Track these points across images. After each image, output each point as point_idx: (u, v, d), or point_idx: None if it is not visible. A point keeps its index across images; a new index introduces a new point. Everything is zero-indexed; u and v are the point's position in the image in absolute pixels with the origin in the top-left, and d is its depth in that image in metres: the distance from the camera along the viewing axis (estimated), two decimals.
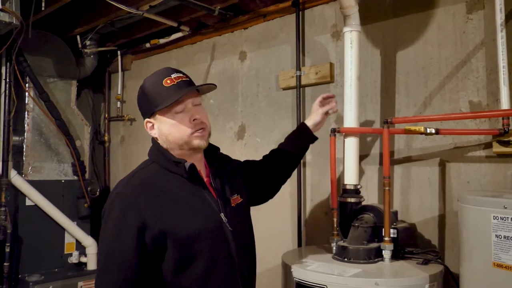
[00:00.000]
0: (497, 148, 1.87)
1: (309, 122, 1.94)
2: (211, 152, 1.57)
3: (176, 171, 1.43)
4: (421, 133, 1.84)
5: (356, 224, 1.89)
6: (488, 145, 1.93)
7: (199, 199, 1.43)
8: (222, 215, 1.45)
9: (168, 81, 1.42)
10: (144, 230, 1.32)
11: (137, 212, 1.33)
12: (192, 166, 1.42)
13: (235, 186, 1.59)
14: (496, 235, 1.32)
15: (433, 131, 1.83)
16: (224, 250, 1.42)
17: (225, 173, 1.60)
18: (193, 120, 1.43)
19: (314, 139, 1.95)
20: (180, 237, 1.35)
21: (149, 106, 1.45)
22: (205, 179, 1.50)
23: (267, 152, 1.90)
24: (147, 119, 1.49)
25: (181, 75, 1.47)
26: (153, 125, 1.48)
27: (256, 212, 1.84)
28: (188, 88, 1.43)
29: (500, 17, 1.80)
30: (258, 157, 2.79)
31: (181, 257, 1.35)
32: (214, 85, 1.50)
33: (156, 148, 1.50)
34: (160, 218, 1.34)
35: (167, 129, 1.44)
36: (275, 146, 2.69)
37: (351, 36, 2.04)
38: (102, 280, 1.33)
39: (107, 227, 1.37)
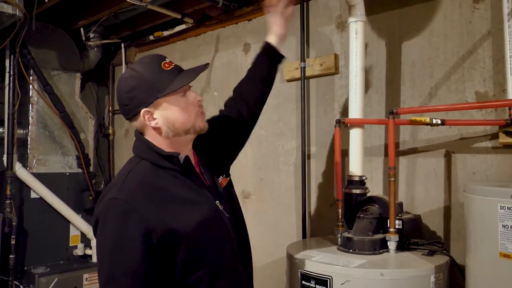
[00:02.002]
0: (504, 139, 1.85)
1: (272, 38, 1.69)
2: (197, 140, 1.48)
3: (168, 166, 1.35)
4: (427, 124, 1.83)
5: (361, 215, 1.88)
6: (495, 136, 1.91)
7: (195, 191, 1.37)
8: (217, 202, 1.40)
9: (167, 65, 1.35)
10: (150, 235, 1.24)
11: (139, 217, 1.24)
12: (187, 158, 1.35)
13: (218, 166, 1.51)
14: (503, 225, 1.31)
15: (439, 121, 1.81)
16: (225, 236, 1.39)
17: (208, 157, 1.51)
18: (197, 101, 1.38)
19: (281, 58, 1.72)
20: (186, 232, 1.29)
21: (150, 93, 1.33)
22: (196, 168, 1.44)
23: (270, 147, 1.85)
24: (144, 109, 1.34)
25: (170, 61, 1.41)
26: (151, 114, 1.35)
27: (261, 204, 1.84)
28: (197, 68, 1.38)
29: (507, 6, 1.78)
30: (262, 149, 2.80)
31: (193, 251, 1.30)
32: (207, 64, 1.46)
33: (143, 143, 1.39)
34: (163, 218, 1.27)
35: (174, 114, 1.35)
36: (279, 138, 2.71)
37: (356, 26, 2.03)
38: None
39: (105, 236, 1.27)
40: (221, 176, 1.49)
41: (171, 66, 1.35)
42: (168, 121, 1.35)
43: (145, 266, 1.23)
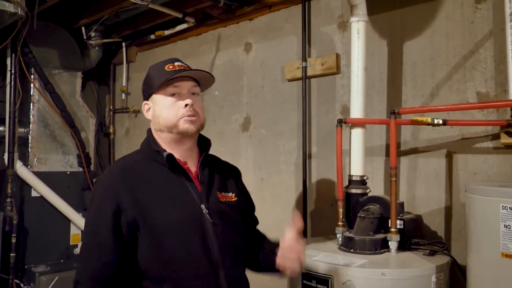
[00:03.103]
0: (505, 139, 1.85)
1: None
2: (205, 144, 1.58)
3: (158, 160, 1.46)
4: (428, 124, 1.83)
5: (362, 215, 1.88)
6: (496, 136, 1.91)
7: (179, 189, 1.44)
8: (202, 206, 1.44)
9: (171, 67, 1.47)
10: (120, 214, 1.36)
11: (114, 195, 1.38)
12: (170, 156, 1.44)
13: (228, 186, 1.58)
14: (504, 225, 1.31)
15: (441, 121, 1.81)
16: (200, 240, 1.41)
17: (221, 172, 1.59)
18: (185, 105, 1.44)
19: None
20: (154, 225, 1.38)
21: (148, 88, 1.52)
22: (194, 170, 1.51)
23: (270, 146, 1.86)
24: (145, 101, 1.54)
25: (185, 65, 1.51)
26: (149, 107, 1.52)
27: (261, 204, 1.84)
28: (183, 71, 1.46)
29: (509, 7, 1.77)
30: (262, 148, 2.80)
31: (154, 243, 1.38)
32: (211, 75, 1.53)
33: (146, 137, 1.56)
34: (136, 203, 1.38)
35: (159, 110, 1.47)
36: (280, 138, 2.71)
37: (358, 26, 2.03)
38: (83, 262, 1.40)
39: (89, 210, 1.45)
40: (229, 193, 1.56)
41: (173, 69, 1.46)
42: (155, 115, 1.50)
43: (114, 243, 1.36)
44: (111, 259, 1.36)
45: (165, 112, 1.45)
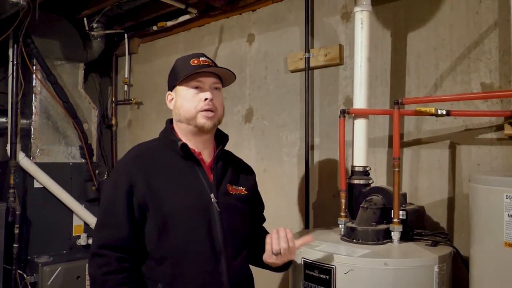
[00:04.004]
0: (509, 130, 1.84)
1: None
2: (222, 139, 1.66)
3: (173, 148, 1.54)
4: (432, 115, 1.82)
5: (365, 206, 1.88)
6: (500, 127, 1.90)
7: (191, 177, 1.52)
8: (212, 195, 1.51)
9: (195, 61, 1.54)
10: (132, 194, 1.45)
11: (129, 177, 1.46)
12: (184, 145, 1.52)
13: (240, 180, 1.66)
14: (508, 214, 1.30)
15: (444, 112, 1.80)
16: (205, 227, 1.47)
17: (235, 167, 1.67)
18: (205, 99, 1.51)
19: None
20: (162, 207, 1.45)
21: (173, 80, 1.59)
22: (208, 161, 1.58)
23: (273, 137, 1.88)
24: (168, 92, 1.62)
25: (210, 60, 1.58)
26: (172, 98, 1.60)
27: (264, 195, 1.85)
28: (207, 66, 1.53)
29: None
30: (265, 140, 2.80)
31: (161, 226, 1.45)
32: (233, 73, 1.61)
33: (165, 127, 1.64)
34: (147, 186, 1.45)
35: (181, 101, 1.55)
36: (283, 129, 2.71)
37: (362, 16, 2.01)
38: (98, 236, 1.48)
39: (106, 189, 1.57)
40: (240, 186, 1.63)
41: (198, 63, 1.54)
42: (175, 106, 1.58)
43: (128, 221, 1.44)
44: (123, 235, 1.43)
45: (185, 104, 1.53)
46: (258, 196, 1.80)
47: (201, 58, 1.56)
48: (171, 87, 1.61)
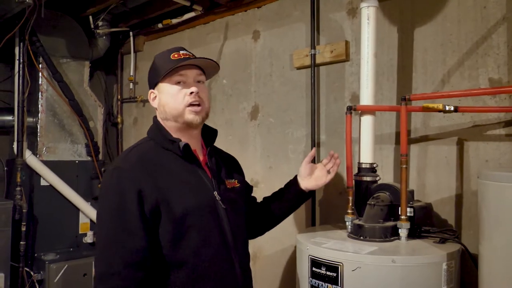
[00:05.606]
0: None
1: (303, 185, 1.88)
2: (210, 133, 1.64)
3: (171, 149, 1.49)
4: (440, 111, 1.80)
5: (372, 203, 1.87)
6: (508, 123, 1.88)
7: (194, 176, 1.50)
8: (215, 193, 1.50)
9: (176, 55, 1.50)
10: (143, 199, 1.37)
11: (136, 182, 1.38)
12: (186, 145, 1.48)
13: (232, 173, 1.66)
14: None
15: (452, 108, 1.79)
16: (216, 225, 1.47)
17: (224, 160, 1.67)
18: (190, 93, 1.47)
19: (302, 194, 1.87)
20: (174, 210, 1.40)
21: (154, 77, 1.54)
22: (201, 158, 1.56)
23: (279, 135, 1.89)
24: (151, 90, 1.57)
25: (190, 53, 1.54)
26: (155, 96, 1.55)
27: (270, 193, 1.85)
28: (188, 59, 1.49)
29: None
30: (271, 137, 2.79)
31: (175, 230, 1.40)
32: (216, 63, 1.55)
33: (155, 125, 1.57)
34: (157, 188, 1.39)
35: (165, 98, 1.50)
36: (289, 126, 2.70)
37: (368, 12, 2.00)
38: (112, 252, 1.34)
39: (107, 199, 1.41)
40: (232, 179, 1.63)
41: (178, 57, 1.49)
42: (160, 104, 1.53)
43: (143, 228, 1.35)
44: (141, 244, 1.34)
45: (171, 100, 1.49)
46: (246, 182, 1.80)
47: (181, 52, 1.52)
48: (152, 85, 1.56)
